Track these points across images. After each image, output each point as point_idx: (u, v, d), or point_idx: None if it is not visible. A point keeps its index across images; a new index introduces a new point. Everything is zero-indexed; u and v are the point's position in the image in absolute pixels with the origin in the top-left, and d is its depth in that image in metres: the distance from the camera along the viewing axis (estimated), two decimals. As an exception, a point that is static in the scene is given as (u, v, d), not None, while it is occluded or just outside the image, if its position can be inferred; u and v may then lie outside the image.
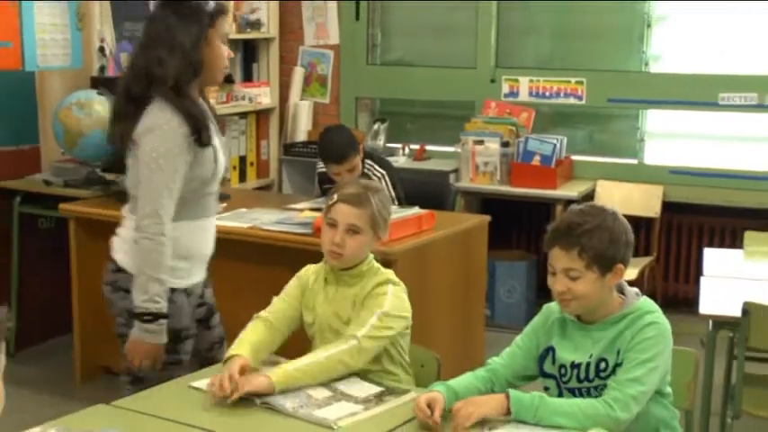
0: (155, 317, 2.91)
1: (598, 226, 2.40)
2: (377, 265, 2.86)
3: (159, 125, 2.90)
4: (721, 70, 5.87)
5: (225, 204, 4.52)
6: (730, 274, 4.10)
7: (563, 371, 2.51)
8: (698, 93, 5.84)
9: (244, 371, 2.56)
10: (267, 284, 3.96)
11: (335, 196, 2.80)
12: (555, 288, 2.46)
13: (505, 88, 6.29)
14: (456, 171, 6.05)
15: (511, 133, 5.99)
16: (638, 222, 6.02)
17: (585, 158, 6.17)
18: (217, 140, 3.08)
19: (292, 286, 2.92)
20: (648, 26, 6.15)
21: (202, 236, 3.14)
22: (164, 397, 2.61)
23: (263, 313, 2.85)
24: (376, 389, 2.59)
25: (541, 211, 5.94)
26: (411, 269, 3.84)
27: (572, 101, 6.15)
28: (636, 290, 2.54)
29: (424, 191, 5.12)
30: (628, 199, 5.96)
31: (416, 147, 6.41)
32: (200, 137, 2.95)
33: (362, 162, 4.65)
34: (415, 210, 4.18)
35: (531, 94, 6.23)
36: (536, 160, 5.84)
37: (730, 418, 3.50)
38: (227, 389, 2.47)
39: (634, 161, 6.23)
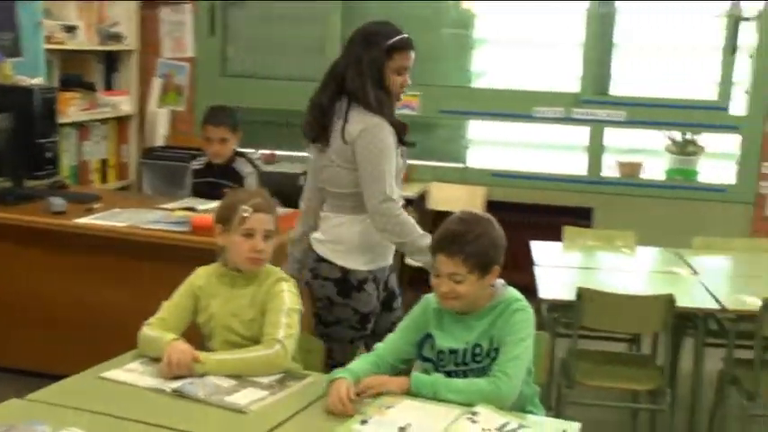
0: None
1: (479, 235, 2.48)
2: (267, 264, 2.85)
3: (376, 124, 3.06)
4: (535, 87, 6.14)
5: (97, 205, 4.43)
6: (555, 263, 4.32)
7: (441, 356, 2.58)
8: (516, 106, 6.08)
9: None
10: (146, 280, 3.95)
11: (249, 209, 2.75)
12: (439, 289, 2.53)
13: (348, 100, 6.36)
14: (305, 173, 6.04)
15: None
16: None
17: (420, 163, 6.30)
18: None
19: (183, 292, 2.84)
20: (472, 48, 6.38)
21: None
22: (77, 389, 2.51)
23: (153, 320, 2.77)
24: (277, 375, 2.60)
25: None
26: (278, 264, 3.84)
27: (407, 112, 6.27)
28: (502, 281, 2.64)
29: (278, 191, 5.11)
30: (455, 198, 6.14)
31: (267, 151, 6.40)
32: (400, 138, 3.16)
33: (234, 159, 4.64)
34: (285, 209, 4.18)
35: (371, 105, 6.31)
36: (378, 164, 5.93)
37: (566, 387, 3.68)
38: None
39: (461, 165, 6.43)
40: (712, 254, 4.60)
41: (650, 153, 6.14)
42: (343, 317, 3.21)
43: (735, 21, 5.73)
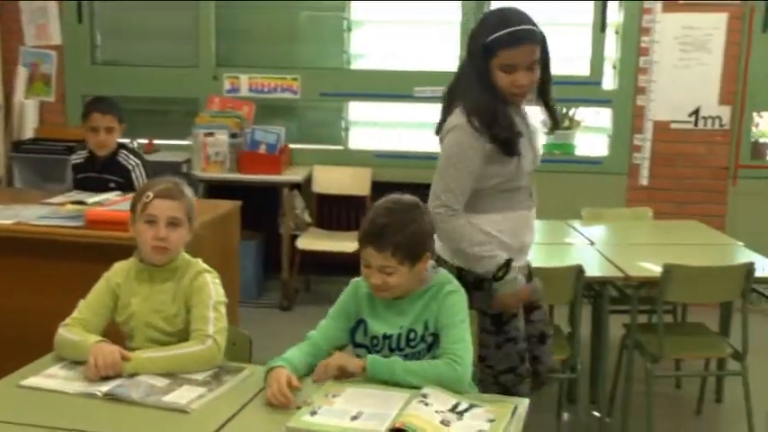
0: (502, 269, 2.82)
1: (407, 225, 2.37)
2: (187, 256, 2.69)
3: (455, 126, 2.82)
4: (415, 68, 6.10)
5: None
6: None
7: (375, 341, 2.49)
8: (396, 87, 6.04)
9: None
10: (41, 279, 3.69)
11: (150, 194, 2.59)
12: (371, 281, 2.42)
13: (227, 85, 6.18)
14: (188, 161, 5.86)
15: (237, 125, 5.89)
16: (351, 201, 6.17)
17: (301, 146, 6.20)
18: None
19: (100, 289, 2.63)
20: (349, 30, 6.29)
21: (513, 226, 2.92)
22: (-3, 399, 2.30)
23: (69, 321, 2.56)
24: (211, 370, 2.45)
25: (268, 194, 5.89)
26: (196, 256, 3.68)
27: (288, 95, 6.15)
28: (433, 263, 2.56)
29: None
30: (341, 181, 6.08)
31: (144, 141, 6.14)
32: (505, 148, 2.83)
33: (117, 152, 4.41)
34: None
35: (251, 89, 6.16)
36: (262, 149, 5.79)
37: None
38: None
39: (342, 147, 6.35)
40: (600, 224, 4.69)
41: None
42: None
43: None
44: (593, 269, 3.68)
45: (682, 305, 4.43)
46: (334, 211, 6.29)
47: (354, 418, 2.14)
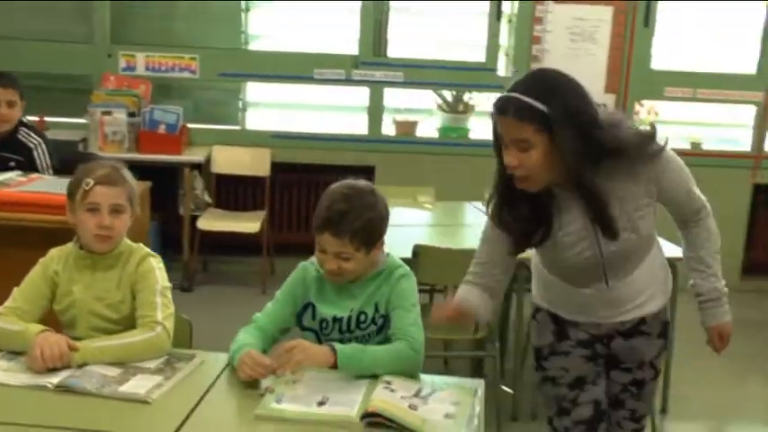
0: None
1: (364, 212, 2.33)
2: (129, 241, 2.56)
3: None
4: (315, 50, 6.01)
5: None
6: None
7: (324, 324, 2.43)
8: (296, 68, 5.93)
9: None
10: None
11: (90, 181, 2.43)
12: (326, 267, 2.37)
13: (123, 63, 5.91)
14: (84, 141, 5.59)
15: (134, 104, 5.66)
16: (250, 181, 6.05)
17: (200, 126, 6.01)
18: None
19: (37, 277, 2.48)
20: (247, 10, 6.14)
21: None
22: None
23: (3, 309, 2.40)
24: (162, 358, 2.34)
25: (166, 175, 5.68)
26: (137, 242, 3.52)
27: (187, 75, 5.95)
28: (385, 250, 2.53)
29: (58, 160, 4.67)
30: (240, 161, 5.94)
31: (35, 118, 5.81)
32: None
33: (17, 129, 4.16)
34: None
35: (147, 68, 5.92)
36: (162, 129, 5.58)
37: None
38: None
39: (239, 128, 6.20)
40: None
41: (426, 113, 6.25)
42: None
43: (498, -12, 5.94)
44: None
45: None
46: (232, 192, 6.14)
47: (321, 403, 2.10)
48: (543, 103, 2.16)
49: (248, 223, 5.67)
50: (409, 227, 4.21)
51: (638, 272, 2.43)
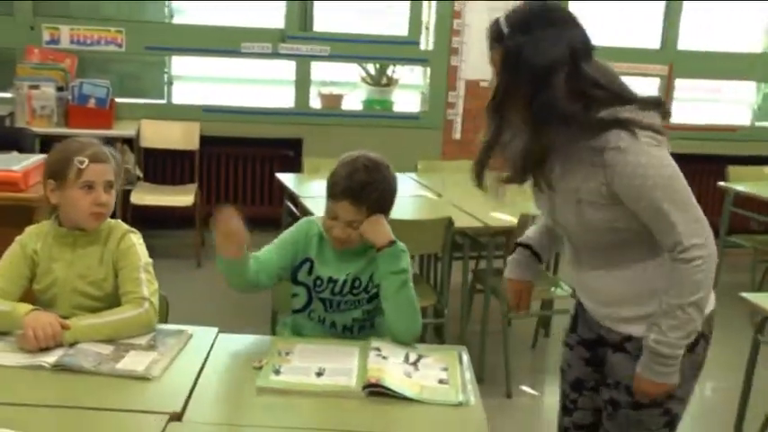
0: None
1: (383, 184, 2.37)
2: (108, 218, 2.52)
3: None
4: (241, 24, 5.93)
5: None
6: (311, 194, 4.26)
7: (318, 282, 2.45)
8: (223, 42, 5.85)
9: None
10: None
11: (84, 159, 2.37)
12: (334, 233, 2.38)
13: (46, 36, 5.71)
14: (11, 115, 5.39)
15: (62, 78, 5.48)
16: (179, 155, 5.95)
17: (127, 100, 5.87)
18: None
19: (16, 256, 2.40)
20: (171, -18, 6.01)
21: None
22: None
23: None
24: (149, 334, 2.30)
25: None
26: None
27: (113, 48, 5.78)
28: None
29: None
30: (169, 135, 5.84)
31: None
32: None
33: None
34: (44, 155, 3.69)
35: (72, 41, 5.73)
36: (91, 103, 5.43)
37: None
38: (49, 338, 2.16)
39: (165, 101, 6.09)
40: (435, 176, 4.82)
41: (350, 86, 6.25)
42: None
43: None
44: (458, 221, 3.79)
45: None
46: (160, 166, 6.03)
47: (319, 374, 2.12)
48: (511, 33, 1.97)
49: (181, 197, 5.59)
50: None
51: (614, 274, 2.11)
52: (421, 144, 6.04)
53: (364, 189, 2.35)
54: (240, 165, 6.04)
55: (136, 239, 2.48)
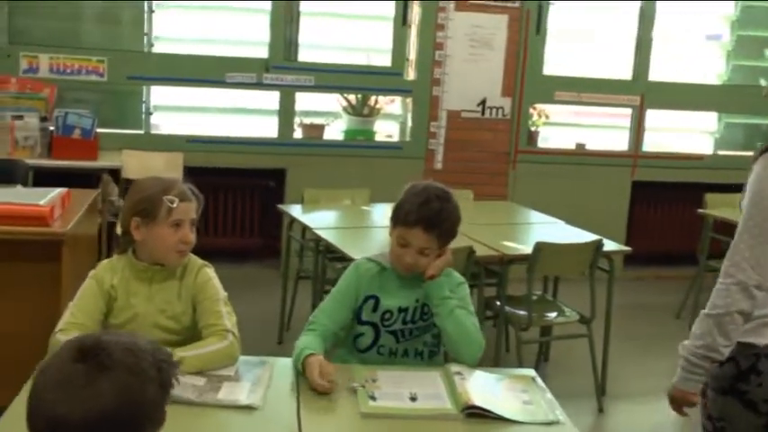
0: None
1: (453, 213, 2.55)
2: None
3: None
4: (226, 53, 6.04)
5: None
6: (319, 224, 4.39)
7: (387, 315, 2.58)
8: (208, 72, 5.95)
9: None
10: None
11: (175, 199, 2.46)
12: (405, 260, 2.53)
13: (24, 64, 5.73)
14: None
15: (44, 108, 5.51)
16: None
17: (108, 131, 5.90)
18: None
19: (92, 291, 2.47)
20: (151, 11, 6.08)
21: None
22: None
23: (65, 326, 2.39)
24: (234, 365, 2.40)
25: (82, 180, 5.57)
26: (76, 245, 3.51)
27: (94, 78, 5.83)
28: None
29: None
30: (153, 166, 5.85)
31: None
32: None
33: None
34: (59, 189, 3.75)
35: (52, 70, 5.76)
36: (76, 134, 5.46)
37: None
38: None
39: (151, 132, 6.14)
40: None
41: (332, 116, 6.41)
42: None
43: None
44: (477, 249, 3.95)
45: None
46: (140, 197, 6.06)
47: (413, 399, 2.26)
48: None
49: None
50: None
51: None
52: (403, 173, 6.18)
53: (437, 217, 2.51)
54: (221, 195, 6.13)
55: (212, 273, 2.59)
